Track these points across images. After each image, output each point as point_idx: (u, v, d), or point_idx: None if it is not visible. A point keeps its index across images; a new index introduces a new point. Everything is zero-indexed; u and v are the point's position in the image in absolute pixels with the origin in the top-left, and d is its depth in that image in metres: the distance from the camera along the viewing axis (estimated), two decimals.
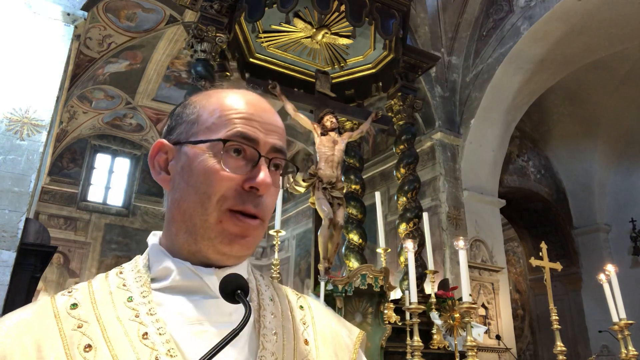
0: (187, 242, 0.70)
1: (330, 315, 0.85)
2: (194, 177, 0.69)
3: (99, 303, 0.68)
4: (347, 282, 3.75)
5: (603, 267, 3.74)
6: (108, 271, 0.75)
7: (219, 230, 0.67)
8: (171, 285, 0.70)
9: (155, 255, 0.73)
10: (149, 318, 0.66)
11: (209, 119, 0.72)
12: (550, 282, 3.72)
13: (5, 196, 4.01)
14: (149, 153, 0.76)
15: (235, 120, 0.71)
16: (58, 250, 8.50)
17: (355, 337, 0.82)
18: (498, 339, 6.72)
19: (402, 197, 5.24)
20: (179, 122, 0.75)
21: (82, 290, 0.70)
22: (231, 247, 0.68)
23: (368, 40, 5.33)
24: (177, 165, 0.73)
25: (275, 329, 0.73)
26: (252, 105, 0.73)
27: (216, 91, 0.77)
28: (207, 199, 0.67)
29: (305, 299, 0.85)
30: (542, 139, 9.84)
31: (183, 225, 0.70)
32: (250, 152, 0.70)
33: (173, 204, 0.72)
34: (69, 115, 9.42)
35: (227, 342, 0.56)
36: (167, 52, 8.11)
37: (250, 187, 0.68)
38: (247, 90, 0.77)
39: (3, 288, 3.77)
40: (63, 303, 0.67)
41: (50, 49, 4.60)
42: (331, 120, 4.71)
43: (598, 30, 6.92)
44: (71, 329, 0.64)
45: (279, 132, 0.74)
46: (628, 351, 3.48)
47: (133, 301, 0.68)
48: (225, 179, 0.68)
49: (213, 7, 4.57)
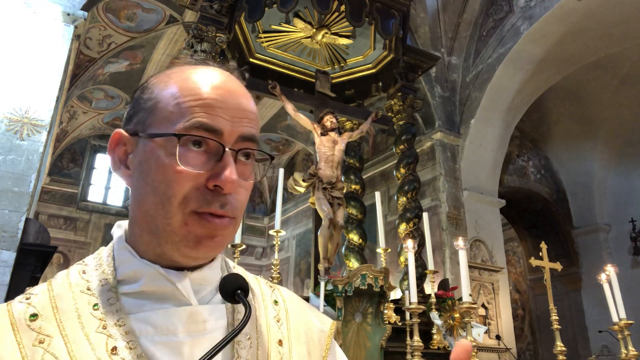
0: (152, 244, 0.63)
1: (303, 307, 0.80)
2: (152, 175, 0.62)
3: (62, 311, 0.61)
4: (347, 282, 3.75)
5: (603, 267, 3.74)
6: (69, 268, 0.69)
7: (184, 233, 0.61)
8: (140, 291, 0.64)
9: (122, 255, 0.66)
10: (118, 330, 0.60)
11: (166, 106, 0.63)
12: (550, 282, 3.72)
13: (5, 196, 4.01)
14: (108, 144, 0.67)
15: (194, 109, 0.61)
16: (58, 250, 8.50)
17: (328, 330, 0.78)
18: (498, 339, 6.72)
19: (402, 197, 5.24)
20: (137, 110, 0.66)
21: (41, 296, 0.63)
22: (197, 250, 0.62)
23: (368, 40, 5.33)
24: (135, 159, 0.65)
25: (249, 333, 0.68)
26: (216, 88, 0.64)
27: (177, 70, 0.67)
28: (168, 202, 0.60)
29: (279, 292, 0.80)
30: (542, 139, 9.84)
31: (145, 226, 0.63)
32: (213, 145, 0.62)
33: (134, 203, 0.65)
34: (69, 115, 9.42)
35: (227, 342, 0.54)
36: (167, 52, 8.11)
37: (214, 186, 0.61)
38: (213, 67, 0.68)
39: (3, 288, 3.77)
40: (21, 312, 0.61)
41: (50, 49, 4.60)
42: (331, 120, 4.72)
43: (598, 30, 6.92)
44: (32, 344, 0.58)
45: (249, 117, 0.65)
46: (628, 351, 3.48)
47: (99, 309, 0.62)
48: (186, 177, 0.60)
49: (213, 7, 4.57)
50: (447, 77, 7.67)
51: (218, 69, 0.68)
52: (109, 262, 0.67)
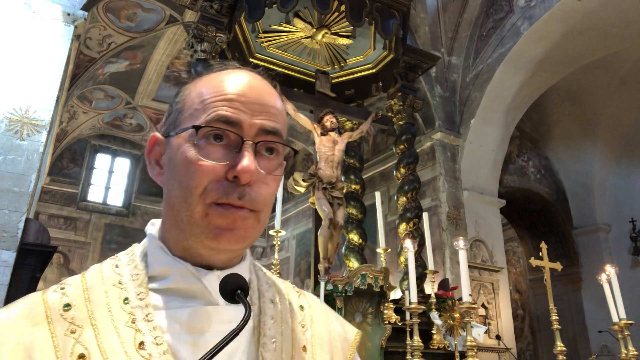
0: (179, 239, 0.65)
1: (329, 315, 0.81)
2: (177, 169, 0.64)
3: (94, 303, 0.63)
4: (347, 282, 3.75)
5: (603, 267, 3.74)
6: (102, 262, 0.70)
7: (205, 224, 0.62)
8: (170, 287, 0.65)
9: (154, 252, 0.68)
10: (146, 325, 0.62)
11: (192, 105, 0.67)
12: (550, 282, 3.72)
13: (5, 196, 4.01)
14: (146, 148, 0.72)
15: (216, 104, 0.64)
16: (58, 250, 8.50)
17: (352, 339, 0.79)
18: (498, 339, 6.72)
19: (402, 197, 5.24)
20: (170, 112, 0.71)
21: (75, 287, 0.65)
22: (218, 241, 0.63)
23: (368, 40, 5.33)
24: (166, 158, 0.68)
25: (275, 336, 0.69)
26: (238, 85, 0.66)
27: (207, 75, 0.71)
28: (190, 194, 0.62)
29: (305, 297, 0.81)
30: (542, 139, 9.83)
31: (173, 221, 0.66)
32: (232, 137, 0.63)
33: (164, 200, 0.68)
34: (69, 115, 9.42)
35: (225, 344, 0.54)
36: (167, 52, 8.11)
37: (234, 177, 0.62)
38: (244, 70, 0.71)
39: (3, 288, 3.77)
40: (55, 302, 0.62)
41: (50, 49, 4.60)
42: (331, 120, 4.71)
43: (598, 30, 6.92)
44: (64, 333, 0.59)
45: (271, 111, 0.67)
46: (628, 351, 3.48)
47: (129, 303, 0.63)
48: (206, 170, 0.62)
49: (213, 7, 4.57)
50: (447, 77, 7.67)
51: (244, 70, 0.71)
52: (141, 258, 0.69)
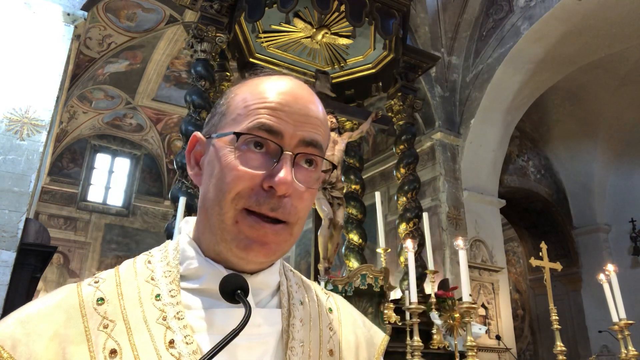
0: (211, 242, 0.65)
1: (356, 318, 0.80)
2: (215, 173, 0.64)
3: (126, 299, 0.63)
4: (347, 282, 3.75)
5: (603, 267, 3.74)
6: (135, 257, 0.71)
7: (235, 232, 0.62)
8: (201, 288, 0.65)
9: (187, 251, 0.68)
10: (177, 323, 0.62)
11: (236, 109, 0.67)
12: (550, 282, 3.71)
13: (5, 196, 4.01)
14: (187, 147, 0.71)
15: (259, 111, 0.64)
16: (58, 250, 8.50)
17: (379, 344, 0.79)
18: (498, 339, 6.72)
19: (402, 197, 5.24)
20: (213, 114, 0.71)
21: (109, 281, 0.65)
22: (247, 253, 0.62)
23: (368, 40, 5.33)
24: (206, 160, 0.69)
25: (303, 340, 0.68)
26: (282, 93, 0.66)
27: (252, 79, 0.70)
28: (223, 198, 0.62)
29: (334, 299, 0.81)
30: (542, 139, 9.84)
31: (206, 223, 0.66)
32: (272, 147, 0.63)
33: (199, 202, 0.68)
34: (69, 115, 9.42)
35: (226, 343, 0.53)
36: (167, 52, 8.11)
37: (269, 187, 0.61)
38: (288, 76, 0.71)
39: (3, 288, 3.77)
40: (89, 296, 0.62)
41: (50, 49, 4.60)
42: (331, 120, 4.72)
43: (598, 30, 6.92)
44: (97, 328, 0.60)
45: (315, 123, 0.66)
46: (628, 351, 3.48)
47: (161, 300, 0.63)
48: (243, 177, 0.62)
49: (213, 7, 4.57)
50: (447, 77, 7.67)
51: (289, 77, 0.70)
52: (174, 256, 0.69)
